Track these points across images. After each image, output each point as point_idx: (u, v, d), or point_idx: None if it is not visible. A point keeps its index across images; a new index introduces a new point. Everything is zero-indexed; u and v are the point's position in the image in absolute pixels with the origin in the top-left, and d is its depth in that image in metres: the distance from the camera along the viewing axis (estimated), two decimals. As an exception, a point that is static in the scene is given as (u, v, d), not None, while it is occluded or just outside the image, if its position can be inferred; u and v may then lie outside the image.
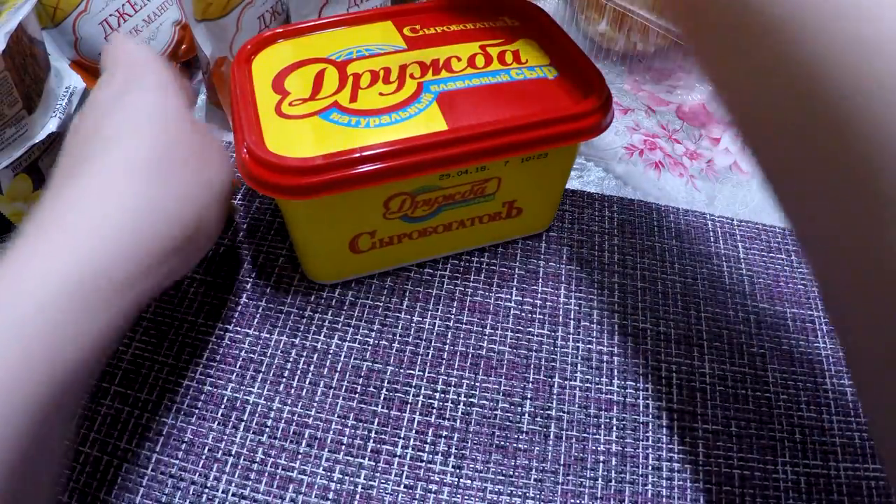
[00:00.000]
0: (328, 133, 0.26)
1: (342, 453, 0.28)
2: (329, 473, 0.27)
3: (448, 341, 0.31)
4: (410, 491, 0.27)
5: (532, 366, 0.31)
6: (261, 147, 0.25)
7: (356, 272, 0.33)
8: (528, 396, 0.30)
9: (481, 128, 0.26)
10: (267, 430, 0.28)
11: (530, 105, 0.28)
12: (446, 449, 0.28)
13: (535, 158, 0.29)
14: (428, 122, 0.27)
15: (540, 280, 0.34)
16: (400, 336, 0.31)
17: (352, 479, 0.27)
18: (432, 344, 0.31)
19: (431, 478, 0.27)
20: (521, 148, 0.27)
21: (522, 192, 0.32)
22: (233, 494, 0.27)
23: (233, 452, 0.28)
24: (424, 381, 0.30)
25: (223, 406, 0.29)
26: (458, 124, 0.26)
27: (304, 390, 0.30)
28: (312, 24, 0.32)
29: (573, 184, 0.39)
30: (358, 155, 0.25)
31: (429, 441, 0.28)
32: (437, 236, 0.32)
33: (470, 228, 0.33)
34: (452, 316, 0.32)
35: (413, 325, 0.32)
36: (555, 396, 0.30)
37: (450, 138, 0.26)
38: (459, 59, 0.30)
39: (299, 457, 0.28)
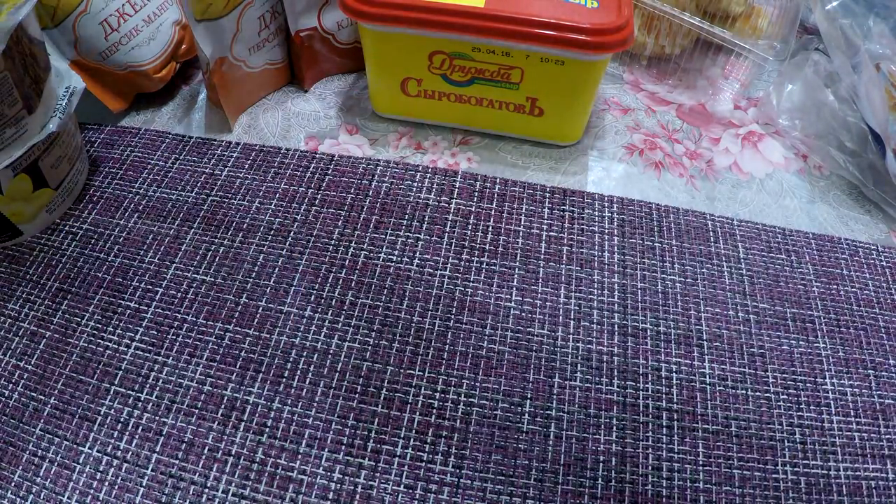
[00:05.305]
0: None
1: (342, 453, 0.28)
2: (329, 473, 0.27)
3: (448, 341, 0.31)
4: (410, 491, 0.27)
5: (532, 366, 0.31)
6: None
7: (406, 114, 0.41)
8: (528, 396, 0.30)
9: (508, 13, 0.33)
10: (267, 430, 0.28)
11: (556, 13, 0.33)
12: (446, 449, 0.28)
13: (553, 63, 0.35)
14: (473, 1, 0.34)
15: (540, 280, 0.34)
16: (400, 336, 0.31)
17: (352, 479, 0.27)
18: (432, 344, 0.31)
19: (431, 478, 0.27)
20: (533, 39, 0.33)
21: (543, 93, 0.37)
22: (233, 494, 0.27)
23: (233, 452, 0.28)
24: (424, 381, 0.30)
25: (223, 406, 0.29)
26: (493, 7, 0.33)
27: (304, 390, 0.30)
28: None
29: (573, 183, 0.39)
30: (411, 3, 0.34)
31: (429, 441, 0.28)
32: (471, 107, 0.39)
33: (499, 112, 0.39)
34: (452, 316, 0.32)
35: (413, 325, 0.32)
36: (555, 396, 0.30)
37: (481, 14, 0.33)
38: None
39: (299, 457, 0.28)
